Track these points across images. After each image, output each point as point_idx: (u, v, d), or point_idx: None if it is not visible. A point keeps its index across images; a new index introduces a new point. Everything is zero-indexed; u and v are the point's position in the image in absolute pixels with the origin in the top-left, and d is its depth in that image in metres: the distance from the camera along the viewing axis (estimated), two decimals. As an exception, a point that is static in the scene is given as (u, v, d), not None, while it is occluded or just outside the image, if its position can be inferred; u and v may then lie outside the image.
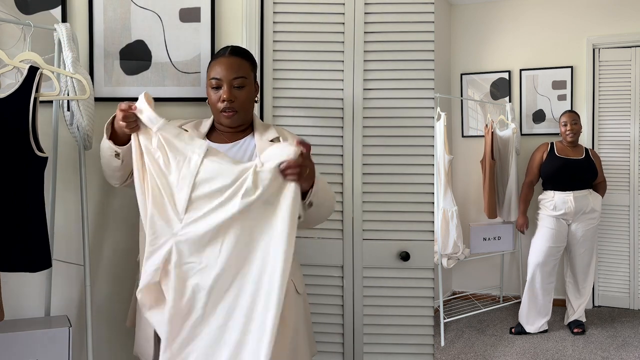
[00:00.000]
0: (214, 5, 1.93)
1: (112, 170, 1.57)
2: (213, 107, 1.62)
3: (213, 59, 1.66)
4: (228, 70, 1.59)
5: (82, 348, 1.82)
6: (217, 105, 1.60)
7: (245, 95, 1.62)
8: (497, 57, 4.32)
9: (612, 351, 3.32)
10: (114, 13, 1.89)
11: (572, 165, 3.56)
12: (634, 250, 4.02)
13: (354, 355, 2.05)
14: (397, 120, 2.02)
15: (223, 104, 1.58)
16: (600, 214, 3.61)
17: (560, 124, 3.69)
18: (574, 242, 3.59)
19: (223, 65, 1.60)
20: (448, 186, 3.51)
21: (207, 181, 1.38)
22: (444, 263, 3.51)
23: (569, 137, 3.60)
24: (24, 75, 1.54)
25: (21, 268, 1.54)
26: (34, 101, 1.52)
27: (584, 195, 3.52)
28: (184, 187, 1.39)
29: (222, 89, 1.59)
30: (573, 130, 3.59)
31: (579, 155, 3.60)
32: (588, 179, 3.58)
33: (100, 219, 1.91)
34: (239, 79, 1.59)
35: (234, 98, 1.58)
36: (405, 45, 2.02)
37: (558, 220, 3.55)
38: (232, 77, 1.59)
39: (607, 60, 4.06)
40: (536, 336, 3.61)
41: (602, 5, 4.01)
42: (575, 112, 3.73)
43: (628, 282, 4.05)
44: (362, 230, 2.04)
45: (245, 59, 1.65)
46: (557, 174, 3.59)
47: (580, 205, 3.50)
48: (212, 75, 1.61)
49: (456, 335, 3.65)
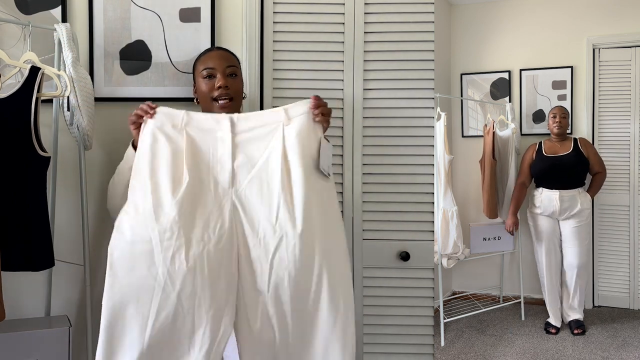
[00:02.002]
0: (214, 5, 1.94)
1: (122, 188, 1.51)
2: (205, 98, 1.62)
3: (201, 55, 1.70)
4: (220, 59, 1.63)
5: (82, 348, 1.82)
6: (212, 93, 1.60)
7: (238, 84, 1.65)
8: (497, 57, 4.32)
9: (612, 351, 3.33)
10: (114, 13, 1.89)
11: (558, 163, 3.58)
12: (634, 250, 4.02)
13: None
14: (397, 120, 2.02)
15: (218, 91, 1.59)
16: (590, 212, 3.59)
17: (549, 116, 3.70)
18: (563, 239, 3.61)
19: (215, 56, 1.64)
20: (448, 186, 3.51)
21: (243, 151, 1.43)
22: (444, 263, 3.51)
23: (556, 129, 3.62)
24: (25, 76, 1.54)
25: (22, 267, 1.54)
26: (35, 101, 1.53)
27: (572, 195, 3.51)
28: (225, 163, 1.41)
29: (216, 77, 1.60)
30: (561, 123, 3.62)
31: (566, 150, 3.60)
32: (578, 174, 3.56)
33: (100, 219, 1.91)
34: (231, 67, 1.63)
35: (229, 84, 1.60)
36: (405, 45, 2.02)
37: (547, 218, 3.59)
38: (225, 65, 1.62)
39: (607, 60, 4.06)
40: (536, 336, 3.61)
41: (602, 5, 4.01)
42: (565, 108, 3.75)
43: (628, 282, 4.05)
44: (362, 230, 2.04)
45: (232, 54, 1.70)
46: (544, 173, 3.63)
47: (565, 205, 3.50)
48: (204, 67, 1.62)
49: (456, 335, 3.65)
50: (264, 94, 1.99)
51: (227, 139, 1.43)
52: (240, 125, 1.45)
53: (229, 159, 1.42)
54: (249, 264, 1.40)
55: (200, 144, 1.43)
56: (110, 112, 1.88)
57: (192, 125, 1.45)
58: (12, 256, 1.50)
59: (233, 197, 1.41)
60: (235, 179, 1.41)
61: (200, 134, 1.44)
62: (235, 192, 1.41)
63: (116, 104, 1.89)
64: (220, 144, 1.43)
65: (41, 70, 1.55)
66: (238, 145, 1.43)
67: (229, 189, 1.41)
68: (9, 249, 1.49)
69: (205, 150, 1.43)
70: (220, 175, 1.42)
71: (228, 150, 1.42)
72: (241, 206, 1.40)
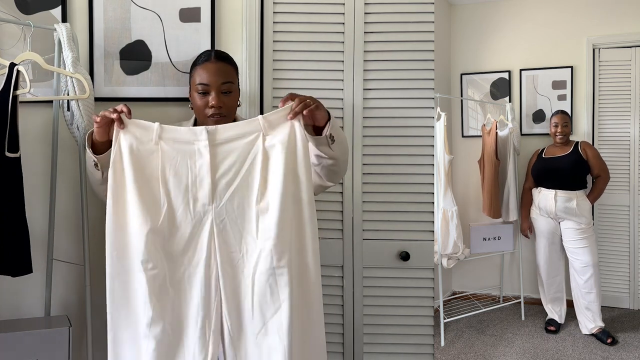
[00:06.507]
0: (214, 5, 1.93)
1: (95, 184, 1.55)
2: (199, 112, 1.60)
3: (197, 64, 1.61)
4: (216, 75, 1.56)
5: (82, 348, 1.82)
6: (205, 111, 1.57)
7: (233, 100, 1.61)
8: (497, 57, 4.32)
9: (612, 351, 3.33)
10: (114, 13, 1.89)
11: (556, 164, 3.59)
12: (634, 250, 4.02)
13: (354, 355, 2.05)
14: (397, 120, 2.02)
15: (212, 109, 1.56)
16: (590, 217, 3.53)
17: (551, 124, 3.71)
18: (563, 239, 3.61)
19: (210, 71, 1.57)
20: (448, 186, 3.51)
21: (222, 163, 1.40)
22: (444, 263, 3.51)
23: (558, 139, 3.64)
24: (6, 74, 1.51)
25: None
26: (13, 99, 1.48)
27: (569, 196, 3.50)
28: (204, 177, 1.40)
29: (210, 95, 1.56)
30: (563, 132, 3.63)
31: (565, 152, 3.61)
32: (575, 176, 3.55)
33: (100, 219, 1.90)
34: (226, 84, 1.57)
35: (222, 104, 1.56)
36: (405, 45, 2.02)
37: (546, 218, 3.60)
38: (220, 82, 1.56)
39: (607, 60, 4.06)
40: (536, 336, 3.61)
41: (602, 5, 4.01)
42: (567, 113, 3.75)
43: (628, 282, 4.05)
44: (362, 230, 2.04)
45: (229, 64, 1.63)
46: (541, 173, 3.65)
47: (562, 206, 3.50)
48: (198, 81, 1.57)
49: (456, 335, 3.65)
50: (264, 94, 1.99)
51: (205, 151, 1.40)
52: (218, 136, 1.41)
53: (208, 173, 1.40)
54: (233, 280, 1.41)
55: (177, 157, 1.40)
56: (110, 112, 1.88)
57: (167, 137, 1.41)
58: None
59: (213, 215, 1.40)
60: (215, 194, 1.40)
61: (176, 146, 1.41)
62: (215, 208, 1.40)
63: (116, 104, 1.88)
64: (198, 156, 1.40)
65: (15, 67, 1.51)
66: (217, 156, 1.40)
67: (209, 205, 1.40)
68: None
69: (182, 163, 1.40)
70: (200, 192, 1.40)
71: (206, 162, 1.40)
72: (222, 223, 1.40)
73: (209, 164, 1.40)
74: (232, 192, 1.40)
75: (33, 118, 1.81)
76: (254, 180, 1.40)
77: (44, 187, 1.80)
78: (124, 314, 1.41)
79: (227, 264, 1.41)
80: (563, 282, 3.73)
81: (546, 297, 3.79)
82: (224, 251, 1.41)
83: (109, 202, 1.39)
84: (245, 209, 1.41)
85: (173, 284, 1.40)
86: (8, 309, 1.80)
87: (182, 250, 1.41)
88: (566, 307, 3.77)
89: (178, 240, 1.40)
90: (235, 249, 1.41)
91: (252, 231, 1.40)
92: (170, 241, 1.40)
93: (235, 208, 1.41)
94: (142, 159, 1.40)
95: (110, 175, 1.39)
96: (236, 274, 1.41)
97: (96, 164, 1.47)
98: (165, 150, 1.41)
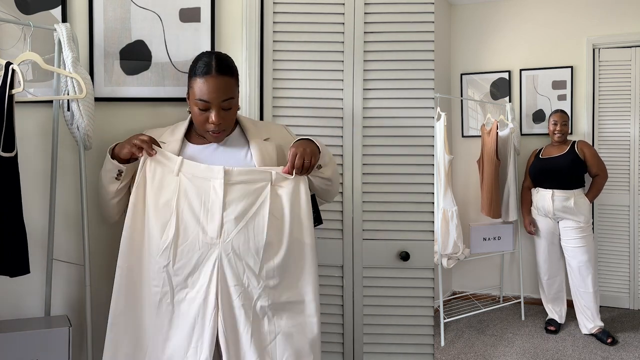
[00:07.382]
0: (214, 5, 1.93)
1: (107, 198, 1.62)
2: (199, 125, 1.58)
3: (197, 74, 1.53)
4: (217, 92, 1.51)
5: (82, 348, 1.82)
6: (205, 126, 1.55)
7: (233, 113, 1.59)
8: (497, 57, 4.32)
9: (612, 351, 3.33)
10: (114, 13, 1.89)
11: (552, 164, 3.59)
12: (634, 250, 4.02)
13: (354, 355, 2.05)
14: (397, 120, 2.03)
15: (212, 126, 1.54)
16: (589, 215, 3.54)
17: (550, 123, 3.71)
18: (561, 239, 3.61)
19: (211, 87, 1.51)
20: (448, 186, 3.51)
21: (233, 202, 1.49)
22: (444, 263, 3.51)
23: (557, 137, 3.64)
24: (2, 73, 1.51)
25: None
26: (9, 99, 1.48)
27: (566, 196, 3.50)
28: (215, 213, 1.47)
29: (211, 112, 1.53)
30: (562, 130, 3.63)
31: (562, 152, 3.61)
32: (571, 175, 3.55)
33: (100, 219, 1.91)
34: (227, 101, 1.53)
35: (222, 120, 1.54)
36: (405, 46, 2.02)
37: (544, 218, 3.60)
38: (221, 99, 1.52)
39: (607, 60, 4.06)
40: (536, 336, 3.61)
41: (602, 5, 4.01)
42: (566, 112, 3.74)
43: (628, 282, 4.05)
44: (362, 230, 2.04)
45: (231, 75, 1.56)
46: (538, 173, 3.66)
47: (560, 205, 3.50)
48: (198, 96, 1.52)
49: (456, 335, 3.65)
50: (264, 94, 1.99)
51: (220, 189, 1.48)
52: (233, 177, 1.49)
53: (219, 210, 1.47)
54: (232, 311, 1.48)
55: (193, 190, 1.49)
56: (110, 112, 1.88)
57: (187, 171, 1.51)
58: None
59: (220, 249, 1.47)
60: (223, 229, 1.47)
61: (194, 180, 1.50)
62: (222, 242, 1.47)
63: (116, 104, 1.89)
64: (212, 192, 1.48)
65: (11, 66, 1.51)
66: (229, 194, 1.48)
67: (216, 239, 1.47)
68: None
69: (197, 197, 1.49)
70: (209, 225, 1.47)
71: (219, 199, 1.47)
72: (227, 257, 1.47)
73: (222, 201, 1.47)
74: (240, 230, 1.47)
75: (33, 118, 1.80)
76: (260, 222, 1.49)
77: (44, 187, 1.80)
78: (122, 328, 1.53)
79: (225, 294, 1.48)
80: (563, 282, 3.73)
81: (546, 297, 3.79)
82: (225, 283, 1.48)
83: (127, 222, 1.51)
84: (251, 247, 1.48)
85: (174, 304, 1.50)
86: (8, 309, 1.80)
87: (186, 275, 1.49)
88: (566, 307, 3.77)
89: (183, 266, 1.48)
90: (238, 283, 1.48)
91: (255, 269, 1.48)
92: (176, 266, 1.49)
93: (241, 245, 1.47)
94: (163, 187, 1.51)
95: (132, 197, 1.51)
96: (234, 306, 1.48)
97: (119, 173, 1.56)
98: (183, 183, 1.50)
